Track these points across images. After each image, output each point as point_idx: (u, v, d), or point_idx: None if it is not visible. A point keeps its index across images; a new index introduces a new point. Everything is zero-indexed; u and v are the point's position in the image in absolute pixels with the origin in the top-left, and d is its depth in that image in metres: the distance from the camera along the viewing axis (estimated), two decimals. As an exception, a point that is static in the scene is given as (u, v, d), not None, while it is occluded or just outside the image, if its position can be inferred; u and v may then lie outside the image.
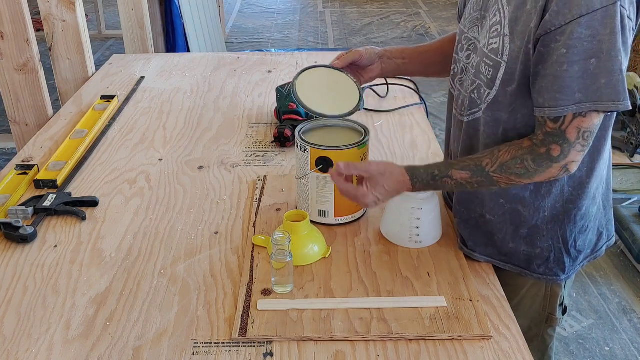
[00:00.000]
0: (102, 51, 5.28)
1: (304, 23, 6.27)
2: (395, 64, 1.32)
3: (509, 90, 1.04)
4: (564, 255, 1.16)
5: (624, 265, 2.61)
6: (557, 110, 0.96)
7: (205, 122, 1.81)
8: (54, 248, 1.24)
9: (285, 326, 1.02)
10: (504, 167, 1.04)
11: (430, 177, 1.10)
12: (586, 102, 0.94)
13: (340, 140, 1.24)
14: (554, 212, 1.13)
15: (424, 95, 2.00)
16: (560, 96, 0.95)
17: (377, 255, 1.20)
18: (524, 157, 1.02)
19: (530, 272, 1.18)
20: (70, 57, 2.11)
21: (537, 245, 1.15)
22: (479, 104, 1.11)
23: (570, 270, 1.18)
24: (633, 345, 2.20)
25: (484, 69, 1.08)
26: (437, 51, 1.35)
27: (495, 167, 1.04)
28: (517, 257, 1.18)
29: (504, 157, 1.04)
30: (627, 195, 2.86)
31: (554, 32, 0.94)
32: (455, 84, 1.21)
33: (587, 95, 0.94)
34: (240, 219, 1.33)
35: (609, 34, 0.92)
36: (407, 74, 1.39)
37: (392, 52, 1.32)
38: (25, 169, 1.50)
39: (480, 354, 0.98)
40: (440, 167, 1.10)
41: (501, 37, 1.03)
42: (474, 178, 1.06)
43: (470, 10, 1.15)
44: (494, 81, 1.06)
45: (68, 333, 1.03)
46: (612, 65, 0.93)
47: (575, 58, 0.93)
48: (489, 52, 1.06)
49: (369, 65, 1.30)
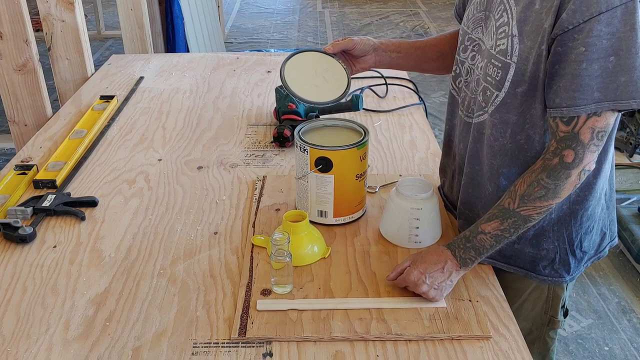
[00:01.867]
0: (101, 51, 5.28)
1: (303, 23, 6.27)
2: (390, 57, 1.31)
3: (519, 91, 1.03)
4: (570, 256, 1.15)
5: (623, 265, 2.61)
6: (575, 110, 0.94)
7: (205, 122, 1.81)
8: (53, 248, 1.24)
9: (285, 326, 1.02)
10: (524, 198, 1.02)
11: (464, 240, 1.07)
12: (605, 101, 0.93)
13: (339, 140, 1.24)
14: (560, 214, 1.12)
15: (423, 96, 2.00)
16: (578, 95, 0.93)
17: (376, 256, 1.20)
18: (539, 178, 1.00)
19: (535, 273, 1.17)
20: (69, 57, 2.11)
21: (542, 247, 1.15)
22: (484, 106, 1.10)
23: (575, 271, 1.17)
24: (632, 345, 2.20)
25: (492, 71, 1.06)
26: (433, 48, 1.34)
27: (517, 202, 1.02)
28: (522, 258, 1.17)
29: (521, 189, 1.02)
30: (626, 195, 2.86)
31: (571, 30, 0.92)
32: (458, 85, 1.20)
33: (606, 94, 0.93)
34: (239, 219, 1.33)
35: (628, 30, 0.90)
36: (402, 68, 1.39)
37: (387, 44, 1.31)
38: (24, 169, 1.50)
39: (479, 354, 0.98)
40: (471, 228, 1.08)
41: (509, 37, 1.02)
42: (505, 223, 1.04)
43: (473, 11, 1.14)
44: (502, 82, 1.04)
45: (67, 333, 1.03)
46: (633, 62, 0.91)
47: (594, 56, 0.91)
48: (497, 54, 1.04)
49: (362, 56, 1.28)
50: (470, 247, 1.06)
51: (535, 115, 1.03)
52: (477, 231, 1.06)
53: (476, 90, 1.12)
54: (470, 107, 1.15)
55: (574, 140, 0.96)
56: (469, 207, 1.20)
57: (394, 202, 1.21)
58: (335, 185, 1.23)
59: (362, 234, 1.26)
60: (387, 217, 1.24)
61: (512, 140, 1.07)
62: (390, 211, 1.23)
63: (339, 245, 1.23)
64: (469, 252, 1.06)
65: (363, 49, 1.27)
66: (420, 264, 1.07)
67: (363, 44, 1.26)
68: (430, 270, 1.05)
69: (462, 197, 1.21)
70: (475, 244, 1.06)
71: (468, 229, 1.09)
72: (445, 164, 1.32)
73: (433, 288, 1.05)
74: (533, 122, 1.04)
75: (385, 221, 1.25)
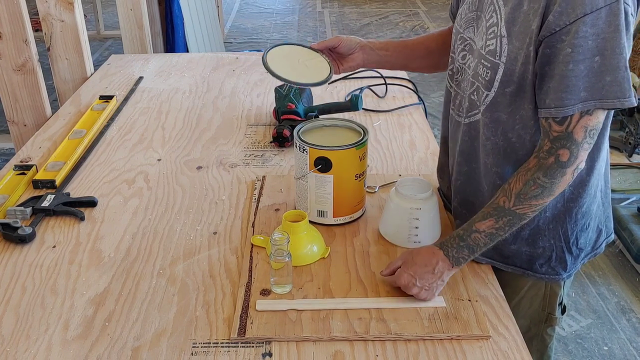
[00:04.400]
0: (101, 51, 5.28)
1: (303, 23, 6.27)
2: (378, 55, 1.34)
3: (508, 91, 1.04)
4: (566, 253, 1.16)
5: (622, 264, 2.61)
6: (563, 110, 0.96)
7: (204, 122, 1.81)
8: (52, 248, 1.24)
9: (284, 326, 1.02)
10: (520, 196, 1.02)
11: (458, 240, 1.07)
12: (591, 100, 0.94)
13: (339, 140, 1.24)
14: (555, 212, 1.12)
15: (423, 95, 2.00)
16: (565, 95, 0.95)
17: (376, 256, 1.20)
18: (535, 177, 1.01)
19: (532, 272, 1.18)
20: (69, 57, 2.11)
21: (539, 245, 1.15)
22: (477, 105, 1.11)
23: (571, 268, 1.18)
24: (631, 344, 2.20)
25: (482, 71, 1.07)
26: (421, 46, 1.36)
27: (513, 201, 1.03)
28: (519, 258, 1.18)
29: (517, 187, 1.02)
30: (625, 195, 2.86)
31: (558, 32, 0.93)
32: (452, 83, 1.21)
33: (592, 93, 0.94)
34: (239, 219, 1.33)
35: (612, 31, 0.91)
36: (390, 67, 1.41)
37: (374, 43, 1.34)
38: (23, 169, 1.50)
39: (478, 354, 0.98)
40: (464, 227, 1.08)
41: (498, 38, 1.03)
42: (499, 221, 1.04)
43: (465, 10, 1.15)
44: (492, 83, 1.06)
45: (67, 333, 1.03)
46: (617, 62, 0.92)
47: (581, 57, 0.93)
48: (486, 54, 1.06)
49: (349, 54, 1.32)
50: (464, 246, 1.07)
51: (525, 116, 1.04)
52: (472, 230, 1.06)
53: (467, 90, 1.13)
54: (461, 106, 1.16)
55: (568, 139, 0.98)
56: (465, 207, 1.20)
57: (393, 202, 1.21)
58: (334, 185, 1.23)
59: (361, 234, 1.26)
60: (387, 217, 1.24)
61: (503, 139, 1.08)
62: (389, 211, 1.23)
63: (338, 245, 1.23)
64: (462, 252, 1.07)
65: (349, 46, 1.31)
66: (410, 267, 1.07)
67: (349, 41, 1.31)
68: (421, 273, 1.06)
69: (459, 197, 1.22)
70: (469, 242, 1.06)
71: (461, 227, 1.09)
72: (444, 163, 1.32)
73: (424, 289, 1.06)
74: (523, 122, 1.05)
75: (385, 221, 1.25)
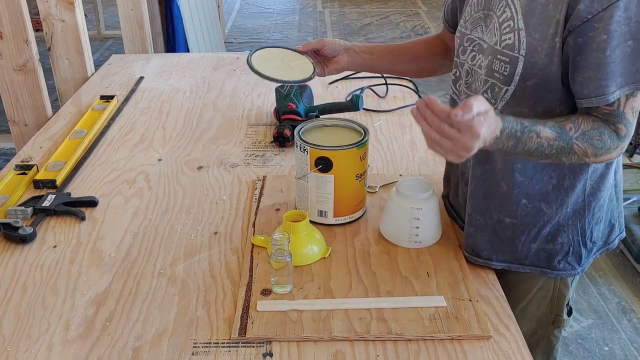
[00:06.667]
0: (101, 51, 5.28)
1: (303, 23, 6.27)
2: (363, 59, 1.36)
3: (529, 84, 1.03)
4: (581, 247, 1.15)
5: (623, 265, 2.61)
6: (604, 99, 0.96)
7: (205, 122, 1.81)
8: (53, 248, 1.24)
9: (285, 326, 1.02)
10: (586, 135, 0.99)
11: (520, 127, 0.97)
12: (626, 85, 0.95)
13: (339, 140, 1.24)
14: (575, 207, 1.12)
15: (423, 95, 1.99)
16: (606, 83, 0.95)
17: (376, 255, 1.20)
18: (602, 130, 0.99)
19: (550, 269, 1.17)
20: (70, 57, 2.11)
21: (558, 242, 1.14)
22: (493, 103, 1.08)
23: (585, 262, 1.17)
24: (632, 345, 2.20)
25: (498, 67, 1.06)
26: (407, 50, 1.38)
27: (578, 134, 0.99)
28: (538, 257, 1.16)
29: (585, 126, 1.00)
30: (626, 195, 2.86)
31: (591, 20, 0.93)
32: (458, 88, 1.19)
33: (627, 78, 0.95)
34: (239, 219, 1.33)
35: None
36: (376, 70, 1.44)
37: (360, 46, 1.37)
38: (24, 169, 1.50)
39: (479, 354, 0.98)
40: (530, 120, 0.99)
41: (515, 32, 1.02)
42: (557, 141, 0.99)
43: (471, 12, 1.14)
44: (511, 77, 1.04)
45: (67, 333, 1.03)
46: None
47: (615, 42, 0.93)
48: (503, 49, 1.04)
49: (333, 56, 1.35)
50: (516, 137, 0.97)
51: (548, 107, 1.04)
52: (535, 130, 0.98)
53: (480, 89, 1.12)
54: None
55: (622, 117, 0.99)
56: (481, 212, 1.16)
57: (394, 202, 1.21)
58: (335, 185, 1.23)
59: (362, 234, 1.26)
60: (387, 217, 1.24)
61: None
62: (390, 211, 1.23)
63: (339, 245, 1.23)
64: (511, 138, 0.97)
65: (333, 48, 1.34)
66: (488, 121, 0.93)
67: (333, 43, 1.34)
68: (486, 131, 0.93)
69: (473, 203, 1.18)
70: (524, 137, 0.98)
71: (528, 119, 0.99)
72: (450, 171, 1.31)
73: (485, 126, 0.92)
74: (546, 114, 1.04)
75: (386, 221, 1.25)
